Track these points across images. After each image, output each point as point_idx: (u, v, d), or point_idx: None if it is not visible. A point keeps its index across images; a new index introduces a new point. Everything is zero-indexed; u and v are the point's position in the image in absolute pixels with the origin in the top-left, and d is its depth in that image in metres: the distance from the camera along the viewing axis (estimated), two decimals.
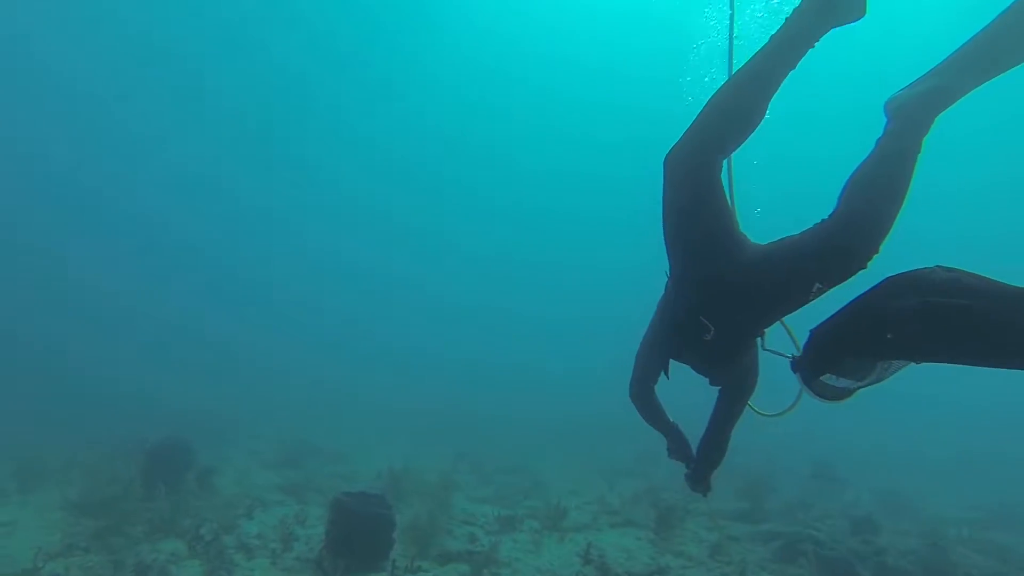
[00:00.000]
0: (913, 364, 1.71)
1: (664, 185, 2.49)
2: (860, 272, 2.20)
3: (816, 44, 2.26)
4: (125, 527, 6.27)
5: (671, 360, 3.01)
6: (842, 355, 1.84)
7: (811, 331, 1.99)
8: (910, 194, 2.15)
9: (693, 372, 2.95)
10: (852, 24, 2.27)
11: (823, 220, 2.21)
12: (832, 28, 2.25)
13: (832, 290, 2.33)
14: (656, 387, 3.42)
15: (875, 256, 2.18)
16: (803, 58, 2.28)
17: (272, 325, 36.97)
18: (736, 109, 2.34)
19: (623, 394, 3.46)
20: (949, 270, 1.51)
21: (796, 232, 2.29)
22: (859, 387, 1.94)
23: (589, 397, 23.21)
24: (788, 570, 6.79)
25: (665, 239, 2.65)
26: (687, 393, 3.75)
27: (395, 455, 12.94)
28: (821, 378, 1.97)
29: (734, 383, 2.97)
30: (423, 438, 16.55)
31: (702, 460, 3.21)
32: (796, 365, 2.09)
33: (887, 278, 1.67)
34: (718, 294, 2.47)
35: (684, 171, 2.41)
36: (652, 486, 10.52)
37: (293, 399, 17.69)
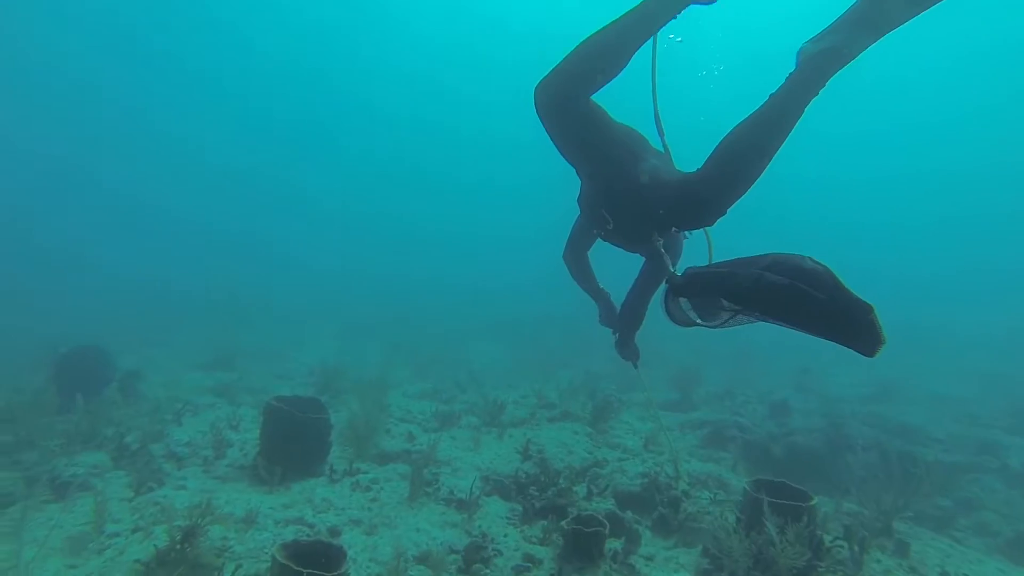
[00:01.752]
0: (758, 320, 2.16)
1: (538, 115, 2.79)
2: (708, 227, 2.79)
3: (676, 16, 2.68)
4: (38, 441, 5.87)
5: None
6: (707, 292, 2.19)
7: (690, 267, 2.37)
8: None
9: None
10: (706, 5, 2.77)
11: (693, 171, 2.58)
12: (690, 5, 2.68)
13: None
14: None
15: (720, 217, 2.61)
16: (665, 26, 2.71)
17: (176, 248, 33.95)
18: (602, 59, 2.64)
19: (559, 294, 3.80)
20: (816, 263, 1.94)
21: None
22: (700, 324, 2.35)
23: (526, 297, 23.73)
24: (716, 455, 7.32)
25: None
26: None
27: (327, 351, 12.80)
28: (680, 300, 2.34)
29: (654, 258, 3.32)
30: (356, 333, 16.42)
31: (623, 324, 3.77)
32: (668, 279, 2.42)
33: (772, 253, 2.03)
34: (611, 198, 2.93)
35: (550, 107, 2.72)
36: (588, 377, 10.90)
37: (215, 306, 16.82)
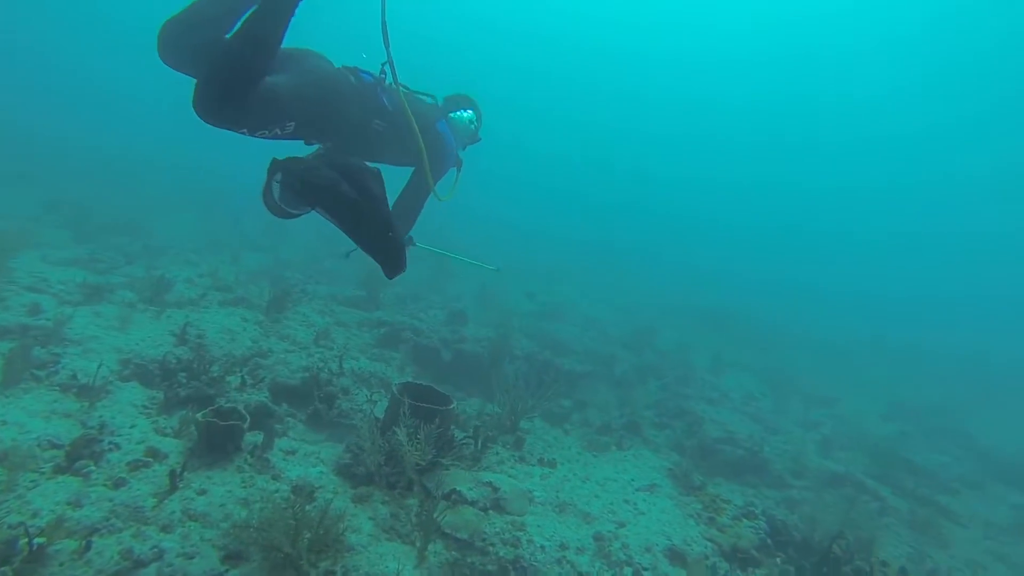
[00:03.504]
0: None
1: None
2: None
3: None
4: None
5: None
6: (293, 176, 2.41)
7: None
8: None
9: None
10: None
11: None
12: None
13: None
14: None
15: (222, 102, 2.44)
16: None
17: None
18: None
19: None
20: (379, 184, 2.39)
21: None
22: (289, 212, 2.60)
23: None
24: (387, 355, 7.61)
25: None
26: None
27: None
28: (273, 184, 2.49)
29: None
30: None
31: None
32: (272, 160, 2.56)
33: (353, 160, 2.47)
34: None
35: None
36: (276, 263, 10.32)
37: None
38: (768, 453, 7.56)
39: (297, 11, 2.52)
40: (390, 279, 2.50)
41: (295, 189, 2.40)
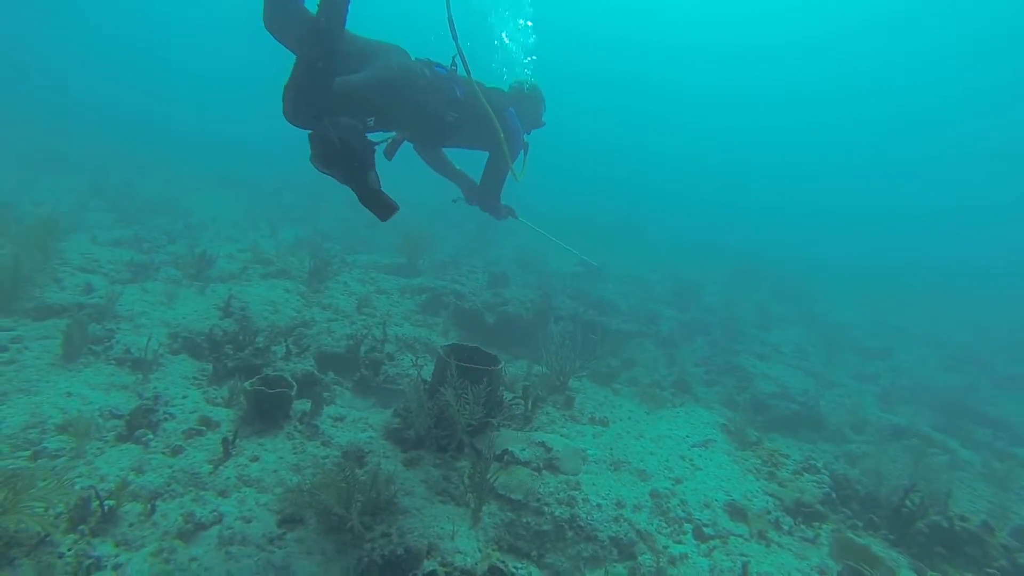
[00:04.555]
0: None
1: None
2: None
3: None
4: None
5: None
6: (323, 135, 2.70)
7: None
8: None
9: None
10: None
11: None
12: None
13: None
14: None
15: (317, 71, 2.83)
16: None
17: None
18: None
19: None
20: (360, 142, 2.73)
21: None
22: (320, 167, 2.79)
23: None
24: (430, 320, 7.56)
25: None
26: None
27: None
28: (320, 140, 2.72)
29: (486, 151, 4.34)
30: (45, 167, 13.10)
31: (483, 196, 4.54)
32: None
33: (352, 124, 2.80)
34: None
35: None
36: (315, 235, 10.33)
37: None
38: (824, 407, 7.28)
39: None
40: (383, 221, 2.85)
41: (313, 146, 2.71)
